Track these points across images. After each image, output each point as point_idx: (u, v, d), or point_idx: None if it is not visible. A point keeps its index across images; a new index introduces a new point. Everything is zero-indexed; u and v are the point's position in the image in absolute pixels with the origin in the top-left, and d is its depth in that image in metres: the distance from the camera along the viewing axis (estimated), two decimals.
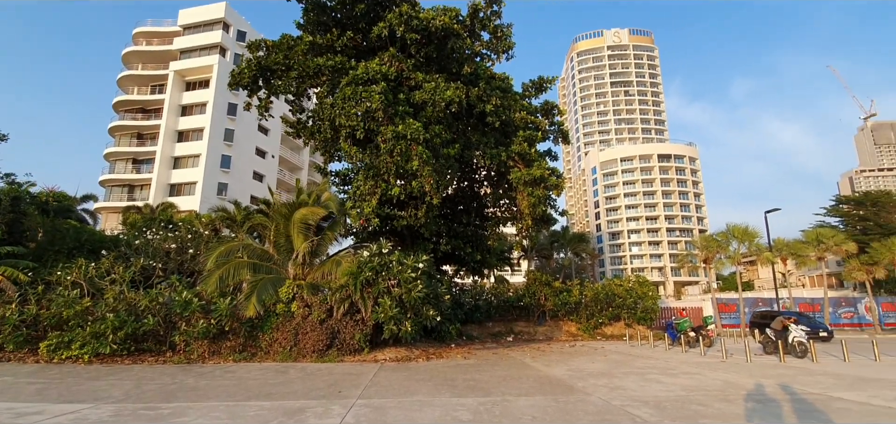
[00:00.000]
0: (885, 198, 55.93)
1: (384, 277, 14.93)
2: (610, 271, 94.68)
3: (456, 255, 21.58)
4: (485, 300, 23.59)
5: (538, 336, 22.16)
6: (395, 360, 14.39)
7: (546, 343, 20.25)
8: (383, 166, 15.63)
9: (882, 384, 9.85)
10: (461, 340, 20.09)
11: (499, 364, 13.75)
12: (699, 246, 34.88)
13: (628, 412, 7.54)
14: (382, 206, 18.43)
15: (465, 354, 16.51)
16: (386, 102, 15.25)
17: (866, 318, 32.65)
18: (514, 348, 18.97)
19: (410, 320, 14.36)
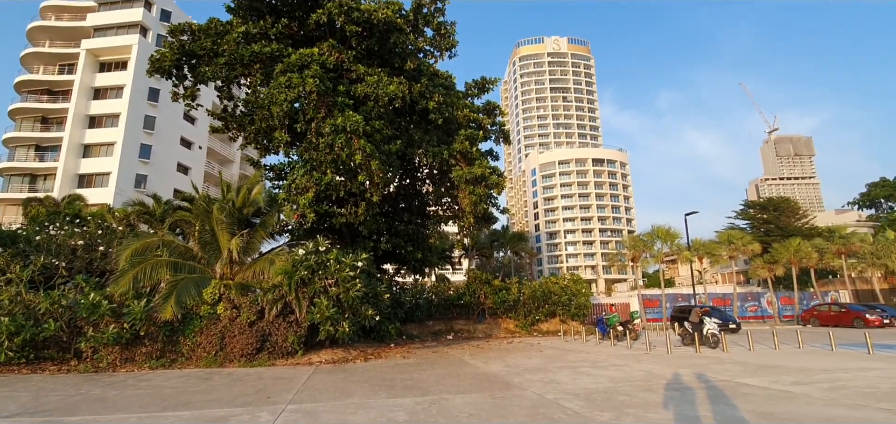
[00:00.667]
0: (784, 204, 63.15)
1: (321, 276, 14.37)
2: (547, 269, 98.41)
3: (397, 253, 21.30)
4: (425, 299, 23.54)
5: (478, 334, 22.45)
6: (331, 362, 13.90)
7: (485, 341, 20.55)
8: (322, 159, 15.05)
9: (780, 370, 10.92)
10: (401, 339, 19.86)
11: (438, 363, 13.71)
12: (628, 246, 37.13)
13: (560, 405, 7.76)
14: (320, 202, 17.77)
15: (404, 353, 16.31)
16: (322, 87, 14.66)
17: (768, 311, 36.41)
18: (453, 346, 19.04)
19: (348, 320, 13.93)
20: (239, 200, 16.29)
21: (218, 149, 55.90)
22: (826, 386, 8.77)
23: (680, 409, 7.27)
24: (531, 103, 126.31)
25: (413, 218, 22.41)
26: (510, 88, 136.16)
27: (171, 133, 48.85)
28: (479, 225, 21.06)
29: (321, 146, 14.74)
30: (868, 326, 25.04)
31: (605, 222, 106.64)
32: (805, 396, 7.97)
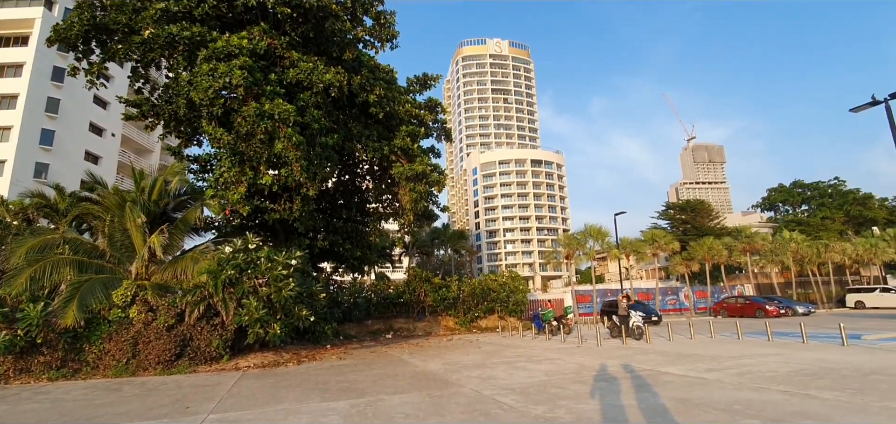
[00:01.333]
0: (700, 206, 69.19)
1: (250, 275, 13.54)
2: (487, 267, 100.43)
3: (334, 251, 20.62)
4: (364, 298, 23.02)
5: (418, 332, 22.33)
6: (260, 366, 13.14)
7: (425, 339, 20.48)
8: (252, 151, 14.15)
9: (696, 359, 11.81)
10: (338, 340, 19.26)
11: (376, 363, 13.41)
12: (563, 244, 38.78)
13: (497, 400, 7.83)
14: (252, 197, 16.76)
15: (341, 354, 15.82)
16: (250, 80, 13.77)
17: (685, 304, 39.58)
18: (393, 345, 18.77)
19: (280, 321, 13.23)
20: (155, 192, 14.94)
21: (135, 137, 51.09)
22: (734, 372, 9.57)
23: (608, 399, 7.59)
24: (473, 103, 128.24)
25: (352, 215, 21.81)
26: (453, 86, 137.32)
27: (78, 118, 43.92)
28: (419, 223, 20.95)
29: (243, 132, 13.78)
30: (768, 316, 27.94)
31: (543, 221, 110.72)
32: (717, 382, 8.64)
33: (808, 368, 9.61)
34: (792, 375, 8.94)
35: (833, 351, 11.98)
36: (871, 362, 10.06)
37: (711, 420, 6.11)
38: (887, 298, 32.14)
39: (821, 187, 63.77)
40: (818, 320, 25.33)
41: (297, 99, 15.27)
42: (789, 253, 41.18)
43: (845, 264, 43.32)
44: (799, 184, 66.13)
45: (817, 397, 7.08)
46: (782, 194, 67.31)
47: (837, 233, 50.67)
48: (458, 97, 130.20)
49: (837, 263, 42.78)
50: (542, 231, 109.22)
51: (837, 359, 10.60)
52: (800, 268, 42.76)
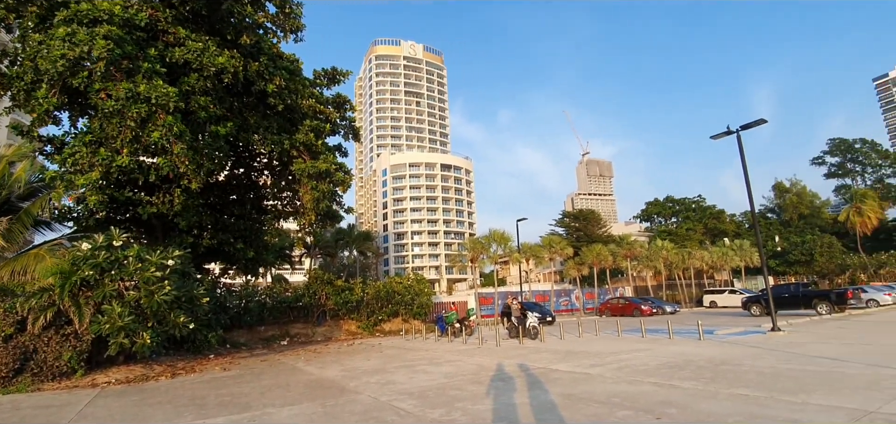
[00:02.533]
0: (591, 215, 76.08)
1: (115, 276, 11.72)
2: (393, 269, 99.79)
3: (224, 251, 18.81)
4: (257, 302, 21.21)
5: (317, 337, 21.21)
6: (124, 381, 11.45)
7: (324, 344, 19.52)
8: (116, 132, 12.27)
9: (582, 355, 12.70)
10: (224, 349, 17.55)
11: (267, 373, 12.40)
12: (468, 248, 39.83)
13: (394, 406, 7.61)
14: (121, 187, 14.63)
15: (226, 364, 14.40)
16: (118, 53, 11.95)
17: (576, 305, 42.90)
18: (287, 352, 17.60)
19: (151, 330, 11.61)
20: None
21: None
22: (614, 367, 10.42)
23: (502, 398, 7.77)
24: (386, 104, 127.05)
25: (246, 212, 20.09)
26: (365, 85, 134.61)
27: None
28: (322, 223, 19.98)
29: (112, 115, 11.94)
30: (643, 315, 31.34)
31: (450, 224, 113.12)
32: (599, 376, 9.32)
33: (673, 361, 10.80)
34: (660, 368, 9.96)
35: (692, 345, 13.66)
36: (721, 354, 11.62)
37: (593, 412, 6.51)
38: (733, 298, 37.90)
39: (686, 203, 73.49)
40: (682, 318, 28.98)
41: (181, 82, 13.61)
42: (661, 259, 46.76)
43: (704, 269, 50.37)
44: (670, 199, 75.52)
45: (679, 387, 7.94)
46: (657, 208, 76.38)
47: (698, 243, 58.75)
48: (370, 96, 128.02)
49: (698, 268, 49.55)
50: (450, 235, 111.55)
51: (695, 352, 12.09)
52: (669, 272, 48.74)
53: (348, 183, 18.57)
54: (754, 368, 9.31)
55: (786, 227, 64.22)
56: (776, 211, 72.37)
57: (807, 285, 36.62)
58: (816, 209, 69.14)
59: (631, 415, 6.29)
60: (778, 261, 55.68)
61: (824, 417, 5.70)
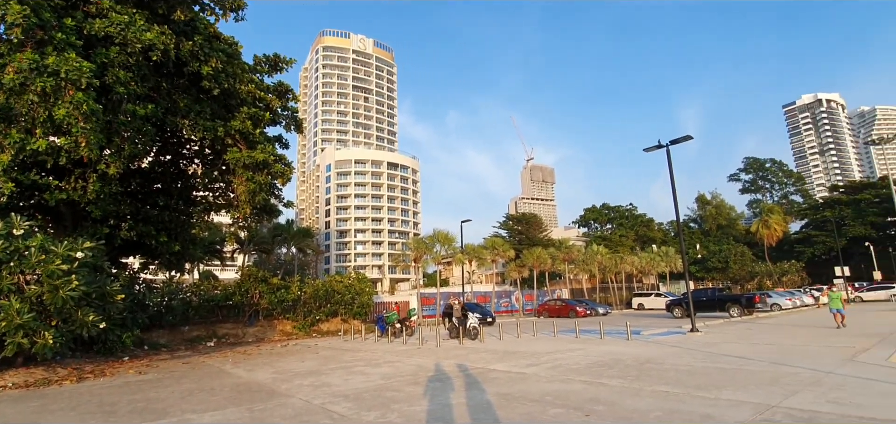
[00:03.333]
0: (533, 219, 78.63)
1: (14, 268, 10.43)
2: (335, 268, 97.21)
3: (145, 244, 17.31)
4: (181, 300, 19.67)
5: (248, 339, 20.07)
6: (22, 386, 10.20)
7: (256, 346, 18.53)
8: (25, 108, 10.94)
9: (520, 355, 12.98)
10: (141, 350, 16.16)
11: (189, 376, 11.54)
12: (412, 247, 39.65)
13: (327, 409, 7.33)
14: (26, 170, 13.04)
15: (142, 367, 13.25)
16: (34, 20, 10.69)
17: (516, 306, 44.05)
18: (214, 354, 16.53)
19: (54, 329, 10.43)
20: None
21: None
22: (548, 366, 10.73)
23: (440, 399, 7.72)
24: (332, 97, 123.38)
25: (172, 202, 18.60)
26: (311, 76, 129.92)
27: None
28: (258, 217, 18.99)
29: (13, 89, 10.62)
30: (578, 316, 32.72)
31: (395, 224, 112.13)
32: (534, 375, 9.54)
33: (603, 360, 11.31)
34: (591, 367, 10.38)
35: (621, 345, 14.40)
36: (646, 353, 12.33)
37: (527, 411, 6.62)
38: (659, 301, 40.60)
39: (620, 211, 78.02)
40: (613, 319, 30.59)
41: (98, 54, 12.34)
42: (596, 263, 49.19)
43: (634, 273, 53.64)
44: (606, 207, 79.82)
45: (608, 384, 8.30)
46: (594, 214, 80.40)
47: (630, 248, 62.48)
48: (316, 88, 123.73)
49: (628, 272, 52.68)
50: (394, 234, 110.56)
51: (623, 351, 12.74)
52: (603, 276, 51.40)
53: (288, 176, 17.78)
54: (675, 366, 9.95)
55: (706, 236, 69.90)
56: (698, 221, 78.61)
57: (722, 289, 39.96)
58: (732, 221, 76.01)
59: (562, 413, 6.47)
60: (698, 267, 60.48)
61: (733, 411, 6.15)
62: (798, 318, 23.57)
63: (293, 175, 19.99)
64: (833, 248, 56.59)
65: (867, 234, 56.88)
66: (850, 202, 63.59)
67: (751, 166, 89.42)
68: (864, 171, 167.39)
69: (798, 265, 59.05)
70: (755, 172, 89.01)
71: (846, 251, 55.61)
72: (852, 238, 57.99)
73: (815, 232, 64.52)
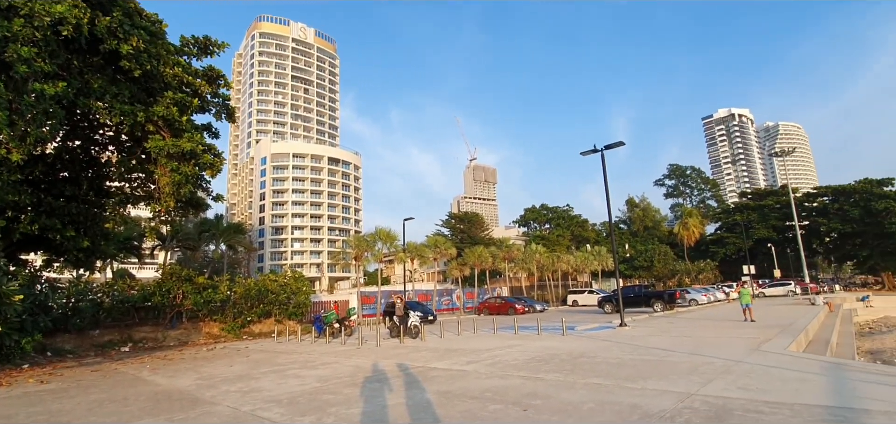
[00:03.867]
0: (476, 218, 79.83)
1: None
2: (269, 266, 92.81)
3: (48, 239, 15.45)
4: (91, 301, 17.67)
5: (169, 342, 18.50)
6: None
7: (178, 350, 17.16)
8: None
9: (460, 353, 13.05)
10: (44, 357, 14.42)
11: (98, 385, 10.44)
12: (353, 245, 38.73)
13: (258, 416, 6.92)
14: None
15: (44, 376, 11.82)
16: None
17: (457, 304, 44.50)
18: (129, 360, 15.12)
19: None
20: None
21: None
22: (488, 363, 10.86)
23: (379, 399, 7.54)
24: (270, 87, 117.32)
25: (81, 193, 16.75)
26: (246, 63, 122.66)
27: None
28: (182, 211, 17.60)
29: None
30: (517, 313, 33.64)
31: (335, 221, 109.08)
32: (474, 372, 9.61)
33: (540, 355, 11.64)
34: (528, 362, 10.64)
35: (557, 340, 14.93)
36: (580, 347, 12.86)
37: (466, 408, 6.63)
38: (592, 298, 42.78)
39: (558, 211, 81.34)
40: (549, 315, 31.77)
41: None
42: (534, 262, 50.86)
43: (569, 271, 56.04)
44: (545, 207, 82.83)
45: (544, 379, 8.53)
46: (533, 214, 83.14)
47: (566, 248, 65.26)
48: (252, 76, 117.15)
49: (564, 270, 54.96)
50: (334, 231, 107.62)
51: (559, 347, 13.21)
52: (540, 274, 53.24)
53: (218, 168, 16.64)
54: (606, 360, 10.44)
55: (634, 237, 74.67)
56: (628, 223, 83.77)
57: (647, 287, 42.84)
58: (657, 223, 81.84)
59: (501, 408, 6.54)
60: (626, 266, 64.45)
61: (658, 400, 6.53)
62: (712, 312, 25.79)
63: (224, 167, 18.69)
64: (742, 248, 62.69)
65: (770, 236, 63.52)
66: (756, 208, 70.74)
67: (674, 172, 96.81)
68: (768, 180, 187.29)
69: (712, 264, 64.81)
70: (677, 178, 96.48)
71: (752, 252, 61.84)
72: (758, 240, 64.46)
73: (727, 234, 71.02)
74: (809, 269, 55.68)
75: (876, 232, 57.02)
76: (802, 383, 7.33)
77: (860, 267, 66.05)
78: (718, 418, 5.57)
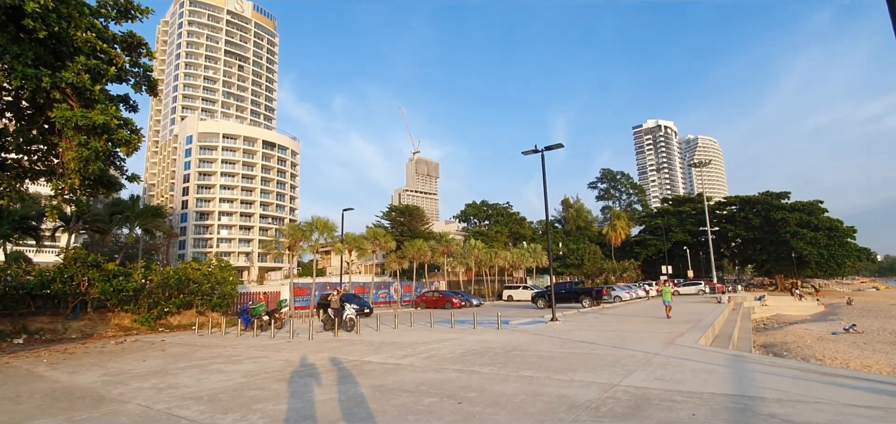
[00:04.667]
0: (416, 211, 79.69)
1: None
2: (192, 253, 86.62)
3: None
4: None
5: (71, 335, 16.57)
6: None
7: (82, 343, 15.46)
8: None
9: (396, 346, 12.93)
10: None
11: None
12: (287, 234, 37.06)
13: (173, 415, 6.40)
14: None
15: None
16: None
17: (394, 297, 44.16)
18: (23, 353, 13.44)
19: None
20: None
21: None
22: (424, 356, 10.85)
23: (309, 395, 7.25)
24: (199, 60, 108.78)
25: None
26: (173, 32, 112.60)
27: None
28: (91, 190, 15.83)
29: None
30: (454, 307, 34.01)
31: (268, 208, 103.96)
32: (410, 366, 9.55)
33: (475, 348, 11.83)
34: (464, 355, 10.77)
35: (492, 334, 15.27)
36: (513, 341, 13.22)
37: (402, 402, 6.55)
38: (526, 293, 44.32)
39: (498, 208, 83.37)
40: (486, 310, 32.47)
41: None
42: (473, 257, 51.71)
43: (506, 267, 57.64)
44: (485, 203, 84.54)
45: (479, 372, 8.66)
46: (474, 210, 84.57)
47: (503, 244, 67.01)
48: (179, 47, 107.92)
49: (501, 266, 56.43)
50: (267, 219, 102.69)
51: (494, 340, 13.51)
52: (478, 269, 54.23)
53: (135, 145, 15.15)
54: (537, 353, 10.82)
55: (567, 236, 78.36)
56: (562, 222, 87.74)
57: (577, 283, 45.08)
58: (589, 223, 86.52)
59: (436, 402, 6.54)
60: (559, 263, 67.46)
61: (585, 391, 6.86)
62: (634, 308, 27.68)
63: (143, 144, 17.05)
64: (661, 250, 67.93)
65: (686, 240, 69.40)
66: (675, 213, 76.97)
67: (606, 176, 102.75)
68: (686, 188, 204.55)
69: (635, 264, 69.58)
70: (609, 181, 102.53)
71: (671, 253, 67.23)
72: (675, 242, 70.19)
73: (649, 236, 76.55)
74: (717, 270, 61.48)
75: (773, 239, 64.34)
76: (709, 374, 8.02)
77: (759, 270, 74.33)
78: (638, 407, 5.94)
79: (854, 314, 41.10)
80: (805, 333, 28.82)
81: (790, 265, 63.50)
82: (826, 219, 64.02)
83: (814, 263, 62.08)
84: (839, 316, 39.17)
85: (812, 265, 62.83)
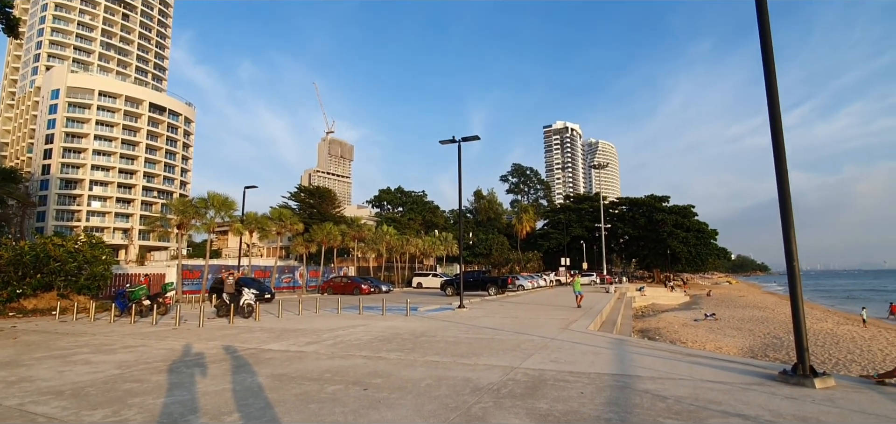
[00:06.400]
0: (327, 194, 76.60)
1: None
2: (54, 226, 74.59)
3: None
4: None
5: None
6: None
7: None
8: None
9: (299, 333, 12.37)
10: None
11: None
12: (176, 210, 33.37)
13: (27, 411, 5.49)
14: None
15: None
16: None
17: (299, 282, 42.23)
18: None
19: None
20: None
21: None
22: (330, 343, 10.52)
23: (198, 387, 6.63)
24: (73, 2, 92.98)
25: None
26: None
27: None
28: None
29: None
30: (362, 293, 33.43)
31: (154, 180, 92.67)
32: (314, 354, 9.18)
33: (383, 335, 11.75)
34: (372, 342, 10.63)
35: (400, 320, 15.28)
36: (421, 327, 13.36)
37: (303, 391, 6.26)
38: (435, 281, 45.08)
39: (412, 196, 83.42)
40: (395, 296, 32.42)
41: None
42: (384, 243, 51.24)
43: (417, 254, 58.02)
44: (400, 190, 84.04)
45: (386, 358, 8.61)
46: (388, 196, 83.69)
47: (416, 232, 67.33)
48: None
49: (413, 253, 56.67)
50: (153, 192, 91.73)
51: (402, 326, 13.53)
52: (389, 256, 53.91)
53: None
54: (444, 338, 11.05)
55: (479, 226, 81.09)
56: (473, 212, 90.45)
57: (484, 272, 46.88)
58: (499, 215, 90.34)
59: (341, 389, 6.36)
60: (469, 253, 69.64)
61: (488, 374, 7.14)
62: (535, 297, 29.54)
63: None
64: (562, 243, 73.27)
65: (583, 234, 75.74)
66: (575, 209, 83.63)
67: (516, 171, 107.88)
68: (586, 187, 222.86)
69: (538, 255, 74.34)
70: (519, 176, 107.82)
71: (569, 246, 72.84)
72: (574, 237, 76.24)
73: (552, 230, 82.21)
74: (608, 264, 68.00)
75: (653, 237, 73.07)
76: (596, 355, 8.83)
77: (641, 264, 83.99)
78: (535, 387, 6.33)
79: (711, 303, 48.42)
80: (673, 319, 33.20)
81: (665, 260, 72.81)
82: (696, 222, 74.63)
83: (684, 259, 72.18)
84: (700, 305, 45.87)
85: (683, 261, 72.95)
